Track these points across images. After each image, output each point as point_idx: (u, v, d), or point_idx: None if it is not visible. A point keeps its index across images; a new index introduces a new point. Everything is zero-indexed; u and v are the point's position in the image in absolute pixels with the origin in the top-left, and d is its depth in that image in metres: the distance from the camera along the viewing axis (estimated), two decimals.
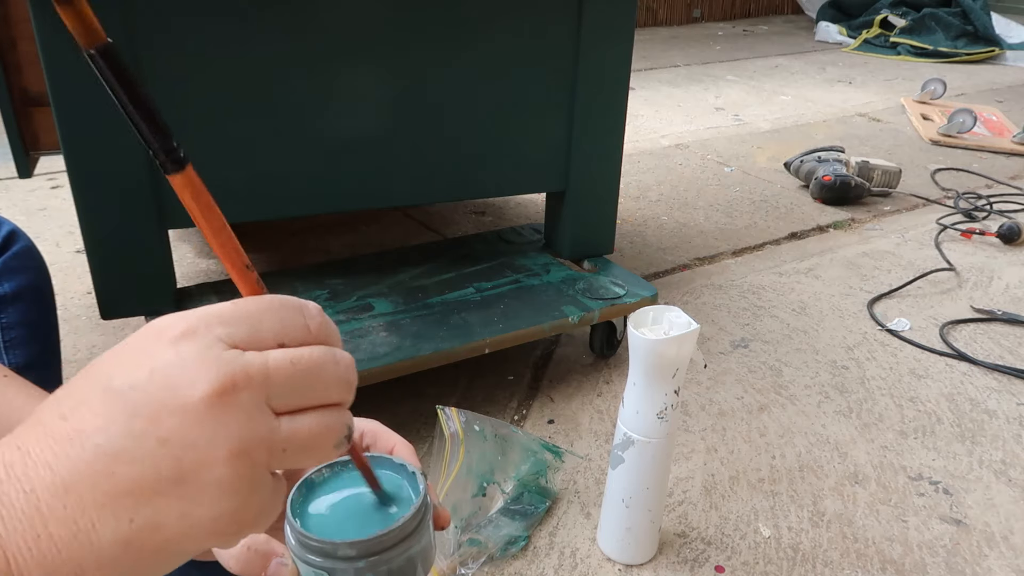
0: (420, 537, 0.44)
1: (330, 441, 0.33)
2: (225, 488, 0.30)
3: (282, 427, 0.31)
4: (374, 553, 0.42)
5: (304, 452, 0.32)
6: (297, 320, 0.33)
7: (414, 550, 0.44)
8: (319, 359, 0.33)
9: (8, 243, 0.78)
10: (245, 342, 0.31)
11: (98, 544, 0.29)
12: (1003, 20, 4.71)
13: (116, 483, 0.29)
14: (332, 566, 0.43)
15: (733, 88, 3.64)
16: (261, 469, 0.31)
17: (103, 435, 0.29)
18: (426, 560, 0.45)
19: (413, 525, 0.44)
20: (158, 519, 0.30)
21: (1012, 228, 2.02)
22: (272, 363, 0.31)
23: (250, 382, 0.30)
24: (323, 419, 0.33)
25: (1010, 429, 1.33)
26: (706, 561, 1.05)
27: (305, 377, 0.32)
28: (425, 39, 1.24)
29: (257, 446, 0.30)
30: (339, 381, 0.33)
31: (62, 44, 1.04)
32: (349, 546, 0.42)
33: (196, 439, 0.29)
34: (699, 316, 1.65)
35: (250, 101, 1.18)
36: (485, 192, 1.49)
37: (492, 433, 1.08)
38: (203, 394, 0.29)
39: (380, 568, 0.43)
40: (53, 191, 2.19)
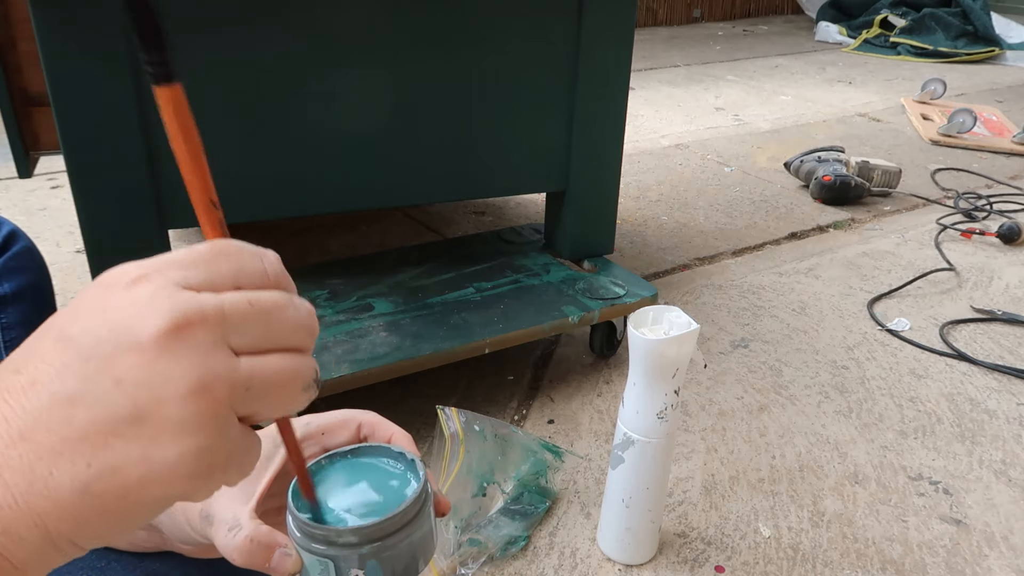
0: (422, 523, 0.45)
1: (297, 384, 0.32)
2: (186, 426, 0.29)
3: (242, 365, 0.30)
4: (376, 539, 0.43)
5: (269, 394, 0.31)
6: (255, 265, 0.33)
7: (416, 536, 0.44)
8: (277, 301, 0.32)
9: (8, 243, 0.78)
10: (200, 285, 0.31)
11: (56, 492, 0.29)
12: (1003, 20, 4.71)
13: (72, 428, 0.28)
14: (335, 554, 0.43)
15: (733, 88, 3.64)
16: (224, 409, 0.30)
17: (57, 381, 0.29)
18: (427, 546, 0.46)
19: (415, 511, 0.44)
20: (116, 462, 0.29)
21: (1012, 228, 2.02)
22: (228, 303, 0.31)
23: (205, 319, 0.30)
24: (287, 361, 0.32)
25: (1010, 429, 1.33)
26: (706, 561, 1.05)
27: (263, 318, 0.31)
28: (425, 39, 1.24)
29: (216, 383, 0.30)
30: (299, 326, 0.33)
31: (62, 44, 1.04)
32: (351, 533, 0.42)
33: (151, 377, 0.29)
34: (699, 316, 1.65)
35: (250, 102, 1.18)
36: (485, 192, 1.49)
37: (492, 433, 1.08)
38: (156, 331, 0.29)
39: (383, 554, 0.43)
40: (53, 191, 2.19)
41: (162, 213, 1.18)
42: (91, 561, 0.54)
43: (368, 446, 0.49)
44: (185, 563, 0.55)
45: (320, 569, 0.44)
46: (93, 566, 0.54)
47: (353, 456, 0.48)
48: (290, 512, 0.44)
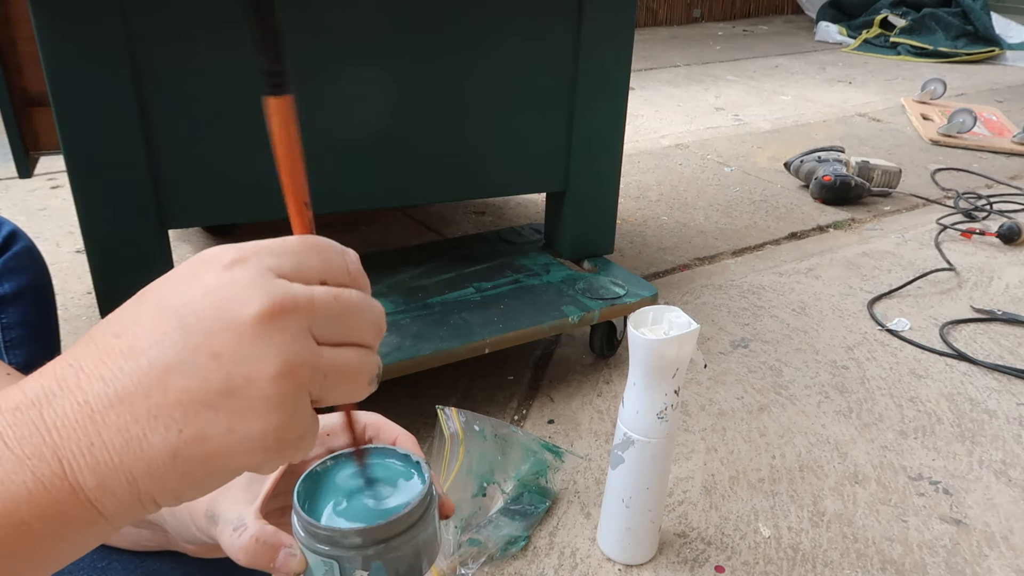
0: (426, 525, 0.45)
1: (365, 376, 0.35)
2: (271, 404, 0.31)
3: (324, 354, 0.33)
4: (381, 540, 0.43)
5: (343, 381, 0.34)
6: (339, 262, 0.36)
7: (420, 538, 0.45)
8: (357, 300, 0.35)
9: (8, 243, 0.78)
10: (292, 274, 0.33)
11: (149, 452, 0.31)
12: (1003, 20, 4.71)
13: (168, 394, 0.30)
14: (340, 554, 0.43)
15: (733, 88, 3.64)
16: (303, 392, 0.32)
17: (157, 349, 0.31)
18: (431, 548, 0.46)
19: (419, 513, 0.44)
20: (206, 431, 0.31)
21: (1012, 228, 2.02)
22: (317, 295, 0.33)
23: (297, 308, 0.32)
24: (360, 354, 0.35)
25: (1010, 429, 1.33)
26: (706, 561, 1.05)
27: (345, 313, 0.34)
28: (425, 39, 1.24)
29: (302, 367, 0.32)
30: (372, 324, 0.36)
31: (62, 44, 1.04)
32: (356, 534, 0.43)
33: (246, 355, 0.31)
34: (699, 316, 1.65)
35: (251, 102, 1.17)
36: (485, 192, 1.50)
37: (492, 433, 1.08)
38: (255, 313, 0.31)
39: (387, 556, 0.44)
40: (53, 191, 2.19)
41: (162, 213, 1.18)
42: (92, 561, 0.54)
43: (373, 448, 0.49)
44: (185, 563, 0.55)
45: (324, 570, 0.44)
46: (94, 566, 0.54)
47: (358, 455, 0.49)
48: (295, 512, 0.44)
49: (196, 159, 1.17)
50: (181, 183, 1.18)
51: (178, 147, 1.16)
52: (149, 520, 0.51)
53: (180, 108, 1.14)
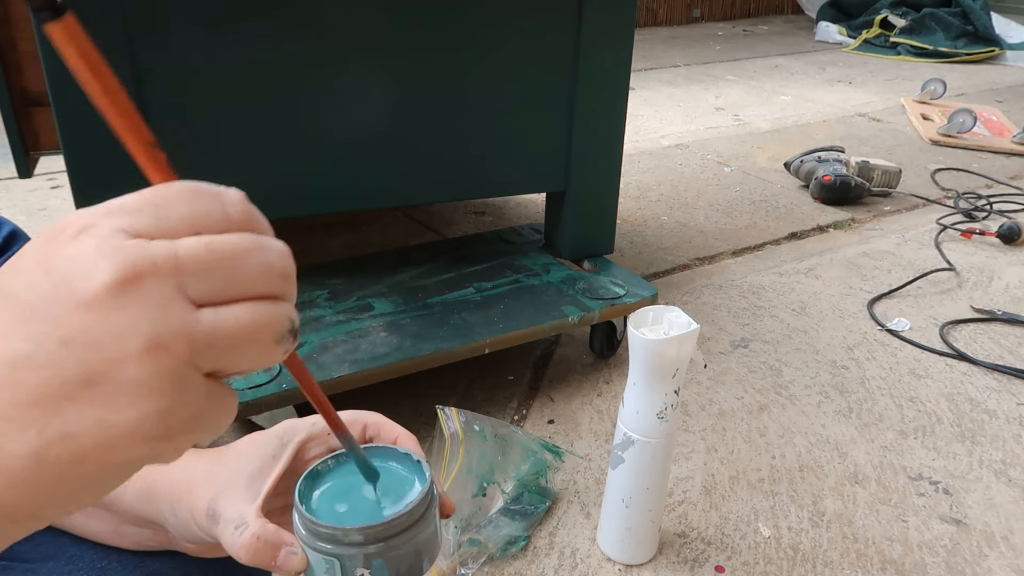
0: (427, 524, 0.45)
1: (268, 335, 0.29)
2: (142, 387, 0.27)
3: (203, 318, 0.28)
4: (383, 538, 0.43)
5: (237, 347, 0.29)
6: (214, 206, 0.30)
7: (421, 537, 0.45)
8: (241, 245, 0.29)
9: (8, 243, 0.78)
10: (152, 232, 0.28)
11: (7, 461, 0.27)
12: (1003, 20, 4.71)
13: (21, 393, 0.26)
14: (341, 552, 0.43)
15: (733, 88, 3.64)
16: (184, 366, 0.28)
17: (2, 344, 0.27)
18: (432, 547, 0.46)
19: (420, 511, 0.45)
20: (70, 428, 0.27)
21: (1012, 228, 2.02)
22: (182, 249, 0.28)
23: (156, 269, 0.27)
24: (256, 310, 0.29)
25: (1010, 429, 1.33)
26: (706, 561, 1.05)
27: (225, 263, 0.29)
28: (425, 40, 1.24)
29: (173, 338, 0.27)
30: (268, 269, 0.30)
31: None
32: (358, 531, 0.43)
33: (101, 336, 0.26)
34: (699, 316, 1.65)
35: (251, 102, 1.18)
36: (485, 192, 1.50)
37: (492, 433, 1.08)
38: (103, 285, 0.26)
39: (389, 554, 0.44)
40: (53, 191, 2.19)
41: None
42: (92, 561, 0.54)
43: (374, 447, 0.49)
44: (186, 562, 0.55)
45: (326, 568, 0.44)
46: (94, 566, 0.54)
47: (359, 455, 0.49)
48: (296, 510, 0.45)
49: (196, 159, 1.17)
50: None
51: (178, 147, 1.15)
52: (150, 520, 0.51)
53: (179, 108, 1.14)
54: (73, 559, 0.54)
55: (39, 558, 0.54)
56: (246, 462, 0.48)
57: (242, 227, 0.30)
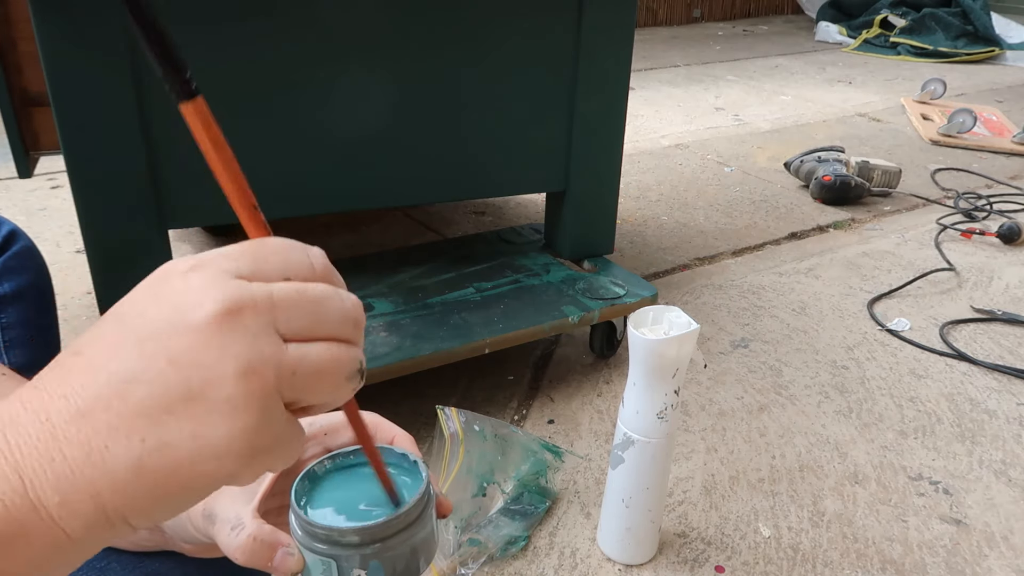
0: (424, 524, 0.45)
1: (341, 372, 0.33)
2: (235, 406, 0.30)
3: (289, 350, 0.32)
4: (379, 539, 0.43)
5: (315, 380, 0.32)
6: (302, 259, 0.35)
7: (418, 537, 0.45)
8: (324, 292, 0.34)
9: (8, 243, 0.78)
10: (251, 275, 0.32)
11: (112, 465, 0.30)
12: (1003, 20, 4.71)
13: (128, 405, 0.30)
14: (337, 553, 0.43)
15: (733, 88, 3.64)
16: (271, 392, 0.31)
17: (115, 361, 0.30)
18: (429, 548, 0.46)
19: (417, 512, 0.45)
20: (169, 438, 0.30)
21: (1012, 228, 2.02)
22: (277, 290, 0.32)
23: (255, 304, 0.31)
24: (333, 349, 0.33)
25: (1010, 429, 1.33)
26: (706, 561, 1.05)
27: (311, 306, 0.33)
28: (425, 40, 1.24)
29: (264, 366, 0.31)
30: (345, 316, 0.34)
31: (62, 44, 1.04)
32: (354, 532, 0.43)
33: (204, 358, 0.30)
34: (699, 316, 1.65)
35: (251, 102, 1.18)
36: (485, 192, 1.50)
37: (492, 433, 1.08)
38: (209, 314, 0.30)
39: (385, 555, 0.44)
40: (53, 191, 2.19)
41: (162, 213, 1.18)
42: (91, 561, 0.54)
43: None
44: (184, 562, 0.55)
45: (322, 569, 0.44)
46: (93, 566, 0.54)
47: (356, 457, 0.49)
48: (293, 511, 0.45)
49: (196, 159, 1.17)
50: (181, 183, 1.17)
51: (178, 147, 1.16)
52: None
53: None
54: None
55: None
56: None
57: (324, 278, 0.35)
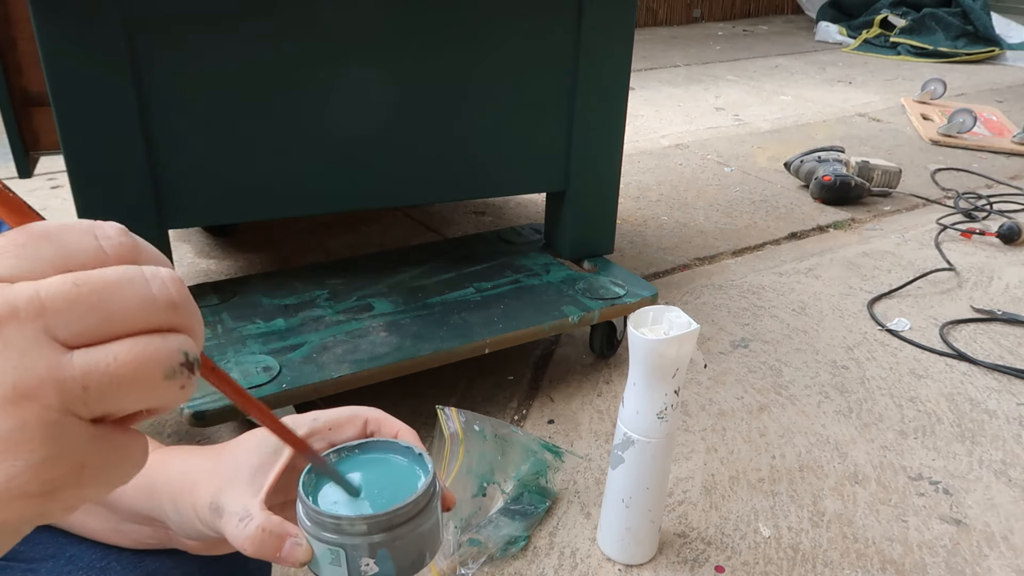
0: (429, 515, 0.46)
1: (155, 371, 0.27)
2: (10, 442, 0.25)
3: (75, 361, 0.26)
4: (386, 528, 0.44)
5: (118, 387, 0.26)
6: (85, 242, 0.27)
7: (425, 527, 0.46)
8: (112, 278, 0.27)
9: None
10: (14, 274, 0.26)
11: None
12: (1003, 20, 4.71)
13: None
14: (346, 542, 0.44)
15: (733, 88, 3.64)
16: (55, 414, 0.25)
17: None
18: (434, 539, 0.47)
19: (424, 502, 0.45)
20: None
21: (1012, 228, 2.02)
22: (45, 289, 0.25)
23: (16, 313, 0.25)
24: (136, 345, 0.27)
25: (1010, 429, 1.33)
26: (706, 561, 1.05)
27: (94, 299, 0.26)
28: (425, 40, 1.24)
29: (40, 385, 0.25)
30: (148, 301, 0.27)
31: (62, 44, 1.04)
32: (363, 521, 0.43)
33: None
34: (699, 316, 1.65)
35: (251, 102, 1.18)
36: (485, 192, 1.50)
37: (492, 433, 1.08)
38: None
39: (394, 544, 0.44)
40: (53, 191, 2.19)
41: (162, 213, 1.18)
42: (91, 561, 0.54)
43: (375, 441, 0.50)
44: (185, 562, 0.55)
45: (331, 558, 0.45)
46: (93, 566, 0.54)
47: (360, 451, 0.49)
48: (300, 501, 0.45)
49: (196, 159, 1.17)
50: (181, 183, 1.18)
51: (178, 147, 1.16)
52: (151, 516, 0.51)
53: (180, 108, 1.14)
54: (72, 559, 0.54)
55: (38, 557, 0.54)
56: (248, 458, 0.48)
57: (121, 260, 0.28)
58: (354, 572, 0.45)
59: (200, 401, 1.03)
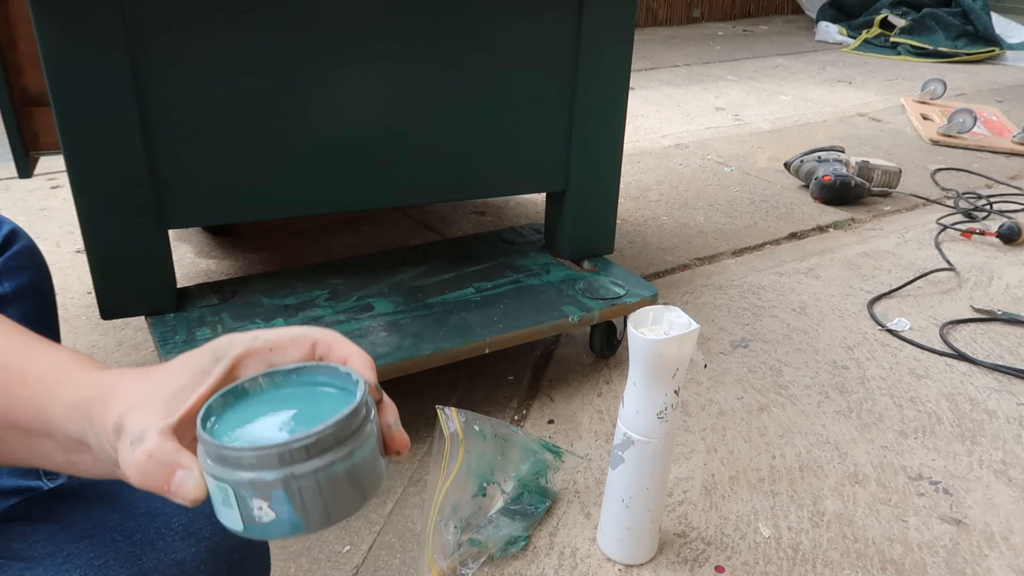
0: (349, 455, 0.38)
1: None
2: None
3: None
4: (280, 465, 0.36)
5: None
6: None
7: (337, 469, 0.37)
8: None
9: (8, 242, 0.78)
10: None
11: None
12: (1003, 20, 4.71)
13: None
14: (235, 478, 0.37)
15: (733, 88, 3.64)
16: None
17: None
18: (358, 488, 0.39)
19: (338, 437, 0.37)
20: None
21: (1012, 228, 2.02)
22: None
23: None
24: None
25: (1010, 429, 1.33)
26: (706, 561, 1.05)
27: None
28: (425, 39, 1.24)
29: None
30: None
31: (62, 44, 1.04)
32: (251, 453, 0.36)
33: None
34: (699, 316, 1.65)
35: (250, 102, 1.18)
36: (485, 192, 1.49)
37: (492, 433, 1.08)
38: None
39: (293, 486, 0.37)
40: (53, 191, 2.19)
41: (162, 213, 1.18)
42: (89, 559, 0.54)
43: (314, 365, 0.43)
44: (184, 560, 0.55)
45: (221, 497, 0.38)
46: (91, 564, 0.54)
47: (297, 375, 0.43)
48: (198, 432, 0.39)
49: (196, 159, 1.17)
50: (181, 183, 1.18)
51: (178, 147, 1.16)
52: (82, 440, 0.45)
53: (180, 108, 1.14)
54: (70, 557, 0.54)
55: (36, 556, 0.54)
56: (172, 378, 0.43)
57: None
58: (247, 516, 0.38)
59: None
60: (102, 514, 0.58)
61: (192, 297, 1.30)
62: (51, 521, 0.58)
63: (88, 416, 0.43)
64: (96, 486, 0.63)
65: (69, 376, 0.46)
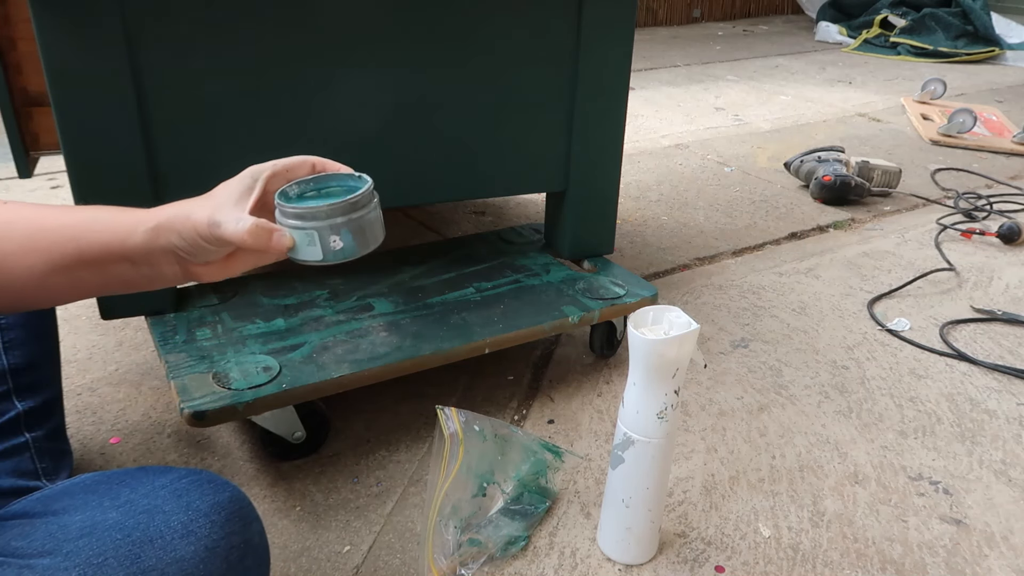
0: (374, 208, 0.70)
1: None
2: None
3: None
4: (343, 213, 0.66)
5: None
6: None
7: (371, 215, 0.69)
8: None
9: None
10: None
11: None
12: (1003, 20, 4.71)
13: None
14: (317, 225, 0.65)
15: (733, 88, 3.64)
16: None
17: None
18: (380, 228, 0.71)
19: (368, 197, 0.69)
20: None
21: (1012, 228, 2.02)
22: None
23: None
24: None
25: (1010, 429, 1.33)
26: (706, 561, 1.05)
27: None
28: (424, 39, 1.24)
29: None
30: None
31: (62, 44, 1.04)
32: (326, 209, 0.66)
33: None
34: (699, 316, 1.65)
35: (251, 103, 1.18)
36: (485, 192, 1.49)
37: (492, 433, 1.08)
38: None
39: (351, 224, 0.66)
40: (53, 191, 2.19)
41: None
42: (88, 558, 0.54)
43: (324, 174, 0.73)
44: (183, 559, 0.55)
45: (308, 241, 0.65)
46: (90, 563, 0.54)
47: (315, 181, 0.71)
48: (278, 207, 0.67)
49: (196, 159, 1.17)
50: (181, 183, 1.17)
51: (178, 147, 1.16)
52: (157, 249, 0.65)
53: (180, 107, 1.14)
54: (69, 555, 0.54)
55: (35, 554, 0.54)
56: (229, 193, 0.67)
57: None
58: (326, 248, 0.65)
59: (200, 401, 1.03)
60: (101, 513, 0.58)
61: (192, 297, 1.30)
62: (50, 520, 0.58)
63: (174, 230, 0.64)
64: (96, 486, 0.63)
65: (134, 215, 0.66)
